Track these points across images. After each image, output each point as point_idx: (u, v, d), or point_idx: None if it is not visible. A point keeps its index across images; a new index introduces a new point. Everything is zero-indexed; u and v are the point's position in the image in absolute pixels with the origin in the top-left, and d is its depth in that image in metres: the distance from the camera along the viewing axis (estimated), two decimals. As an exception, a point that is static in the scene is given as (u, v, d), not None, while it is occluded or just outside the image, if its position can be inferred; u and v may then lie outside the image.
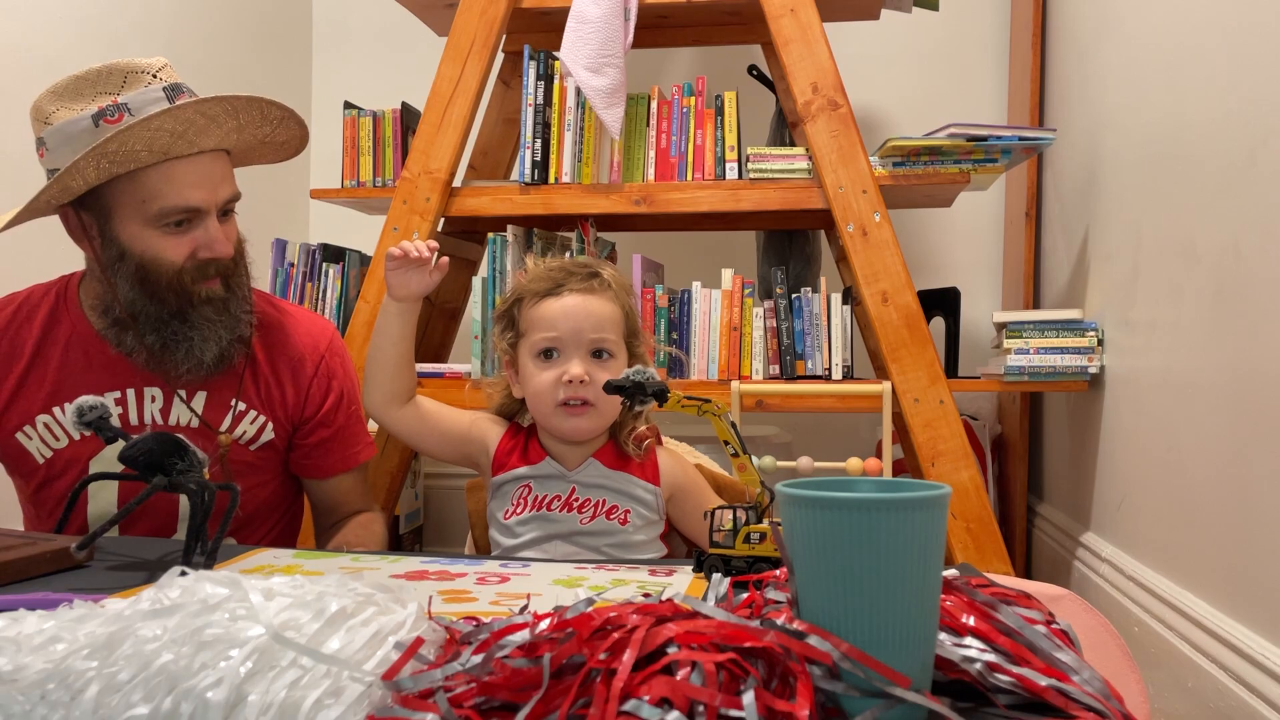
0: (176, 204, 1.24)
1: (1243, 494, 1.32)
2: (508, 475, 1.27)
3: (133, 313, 1.26)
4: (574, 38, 2.00)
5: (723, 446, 0.97)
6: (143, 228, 1.24)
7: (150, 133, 1.19)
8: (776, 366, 2.07)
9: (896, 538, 0.54)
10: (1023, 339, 1.99)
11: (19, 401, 1.29)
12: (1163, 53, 1.68)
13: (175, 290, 1.26)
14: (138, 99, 1.22)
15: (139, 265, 1.25)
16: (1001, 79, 2.75)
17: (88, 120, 1.22)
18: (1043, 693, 0.56)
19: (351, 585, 0.64)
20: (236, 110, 1.27)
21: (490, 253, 2.17)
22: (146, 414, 1.31)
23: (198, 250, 1.26)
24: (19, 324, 1.32)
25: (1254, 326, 1.31)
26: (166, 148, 1.22)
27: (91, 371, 1.30)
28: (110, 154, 1.19)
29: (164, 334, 1.27)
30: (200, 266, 1.27)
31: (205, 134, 1.25)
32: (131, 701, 0.54)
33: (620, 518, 1.24)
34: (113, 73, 1.24)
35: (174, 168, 1.23)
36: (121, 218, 1.24)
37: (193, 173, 1.25)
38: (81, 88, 1.24)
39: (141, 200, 1.23)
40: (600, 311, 1.25)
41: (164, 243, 1.25)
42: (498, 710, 0.54)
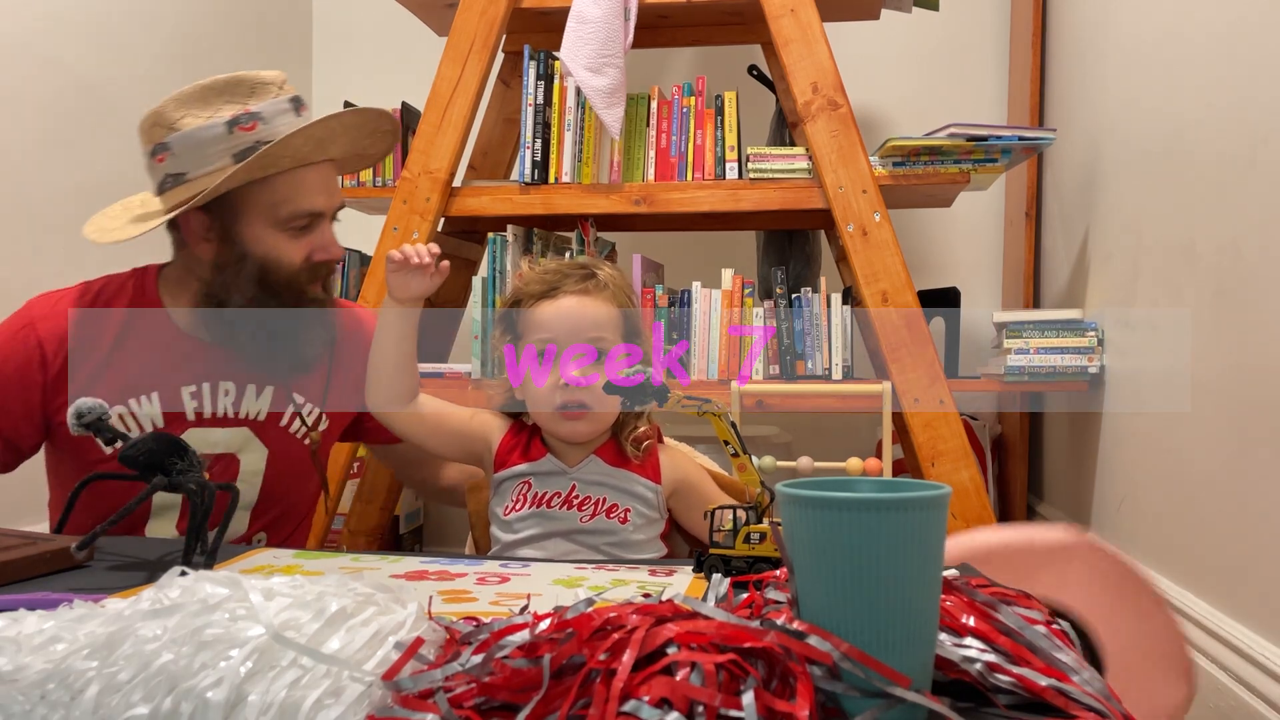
0: (305, 208, 1.31)
1: (1243, 494, 1.32)
2: (508, 472, 1.27)
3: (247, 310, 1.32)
4: (574, 38, 2.00)
5: (723, 446, 0.97)
6: (268, 229, 1.31)
7: (301, 139, 1.27)
8: (776, 366, 2.07)
9: (896, 538, 0.54)
10: (1023, 339, 1.99)
11: (94, 391, 1.30)
12: (1163, 52, 1.68)
13: (291, 290, 1.33)
14: (269, 108, 1.29)
15: (260, 266, 1.31)
16: (1001, 79, 2.75)
17: (221, 127, 1.27)
18: (1043, 693, 0.56)
19: (351, 585, 0.64)
20: (364, 125, 1.37)
21: (490, 253, 2.17)
22: (220, 407, 1.36)
23: (313, 253, 1.34)
24: (97, 317, 1.34)
25: (1254, 326, 1.31)
26: (306, 155, 1.30)
27: (168, 364, 1.34)
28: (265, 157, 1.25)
29: (273, 331, 1.33)
30: (313, 268, 1.35)
31: (334, 143, 1.34)
32: (131, 701, 0.54)
33: (620, 516, 1.24)
34: (240, 83, 1.30)
35: (304, 174, 1.31)
36: (249, 220, 1.30)
37: (318, 179, 1.33)
38: (208, 96, 1.29)
39: (273, 204, 1.30)
40: (596, 313, 1.24)
41: (286, 245, 1.32)
42: (498, 710, 0.54)
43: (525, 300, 1.27)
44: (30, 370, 1.30)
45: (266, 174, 1.28)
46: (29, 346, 1.30)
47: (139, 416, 1.32)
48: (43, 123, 2.07)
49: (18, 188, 2.01)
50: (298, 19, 3.05)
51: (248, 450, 1.38)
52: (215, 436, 1.35)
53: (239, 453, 1.38)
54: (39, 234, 2.06)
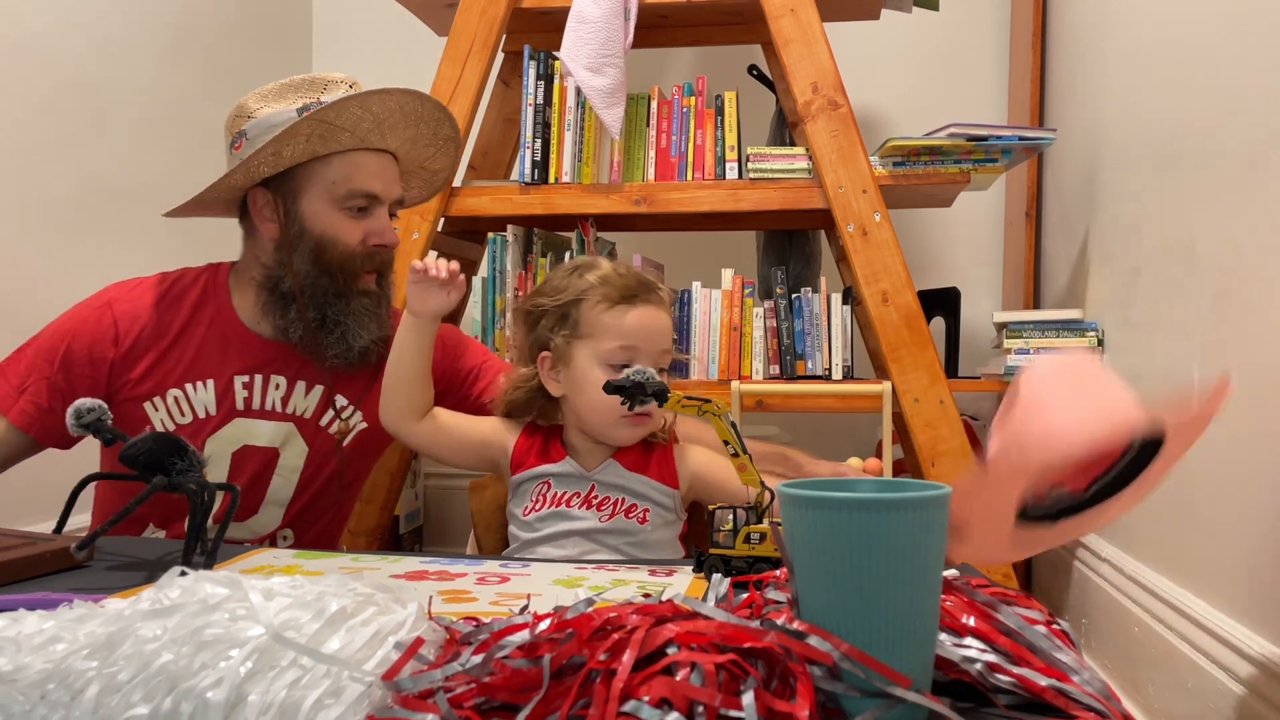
0: (362, 188, 1.37)
1: (1243, 494, 1.32)
2: (527, 474, 1.27)
3: (301, 287, 1.36)
4: (574, 38, 2.00)
5: (723, 446, 0.97)
6: (327, 207, 1.36)
7: (359, 111, 1.33)
8: (776, 366, 2.07)
9: (896, 538, 0.54)
10: (1023, 339, 1.99)
11: (155, 373, 1.38)
12: (1163, 52, 1.68)
13: (345, 271, 1.37)
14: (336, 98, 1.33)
15: (317, 242, 1.36)
16: (1001, 79, 2.75)
17: (292, 112, 1.34)
18: (1043, 693, 0.56)
19: (351, 585, 0.64)
20: (420, 117, 1.41)
21: (490, 253, 2.17)
22: (269, 400, 1.41)
23: (369, 236, 1.38)
24: (169, 303, 1.41)
25: (1254, 326, 1.31)
26: (364, 134, 1.35)
27: (227, 354, 1.40)
28: (323, 125, 1.31)
29: (325, 312, 1.37)
30: (369, 254, 1.39)
31: (393, 131, 1.39)
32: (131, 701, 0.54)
33: (640, 516, 1.25)
34: (314, 81, 1.38)
35: (363, 157, 1.37)
36: (309, 197, 1.36)
37: (377, 164, 1.39)
38: (285, 91, 1.37)
39: (332, 182, 1.36)
40: (668, 325, 1.28)
41: (344, 224, 1.37)
42: (498, 710, 0.54)
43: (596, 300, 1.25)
44: (103, 346, 1.37)
45: (328, 149, 1.34)
46: (104, 324, 1.38)
47: (193, 401, 1.38)
48: (43, 122, 2.07)
49: (18, 187, 2.01)
50: (298, 19, 3.05)
51: (289, 446, 1.42)
52: (260, 429, 1.40)
53: (280, 447, 1.41)
54: (39, 234, 2.06)
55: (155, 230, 2.36)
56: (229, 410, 1.39)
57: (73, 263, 2.15)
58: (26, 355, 1.38)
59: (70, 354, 1.36)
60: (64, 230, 2.11)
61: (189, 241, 2.48)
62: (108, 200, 2.23)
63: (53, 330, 1.39)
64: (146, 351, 1.37)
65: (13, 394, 1.35)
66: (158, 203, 2.38)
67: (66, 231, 2.12)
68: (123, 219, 2.27)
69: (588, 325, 1.25)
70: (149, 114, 2.36)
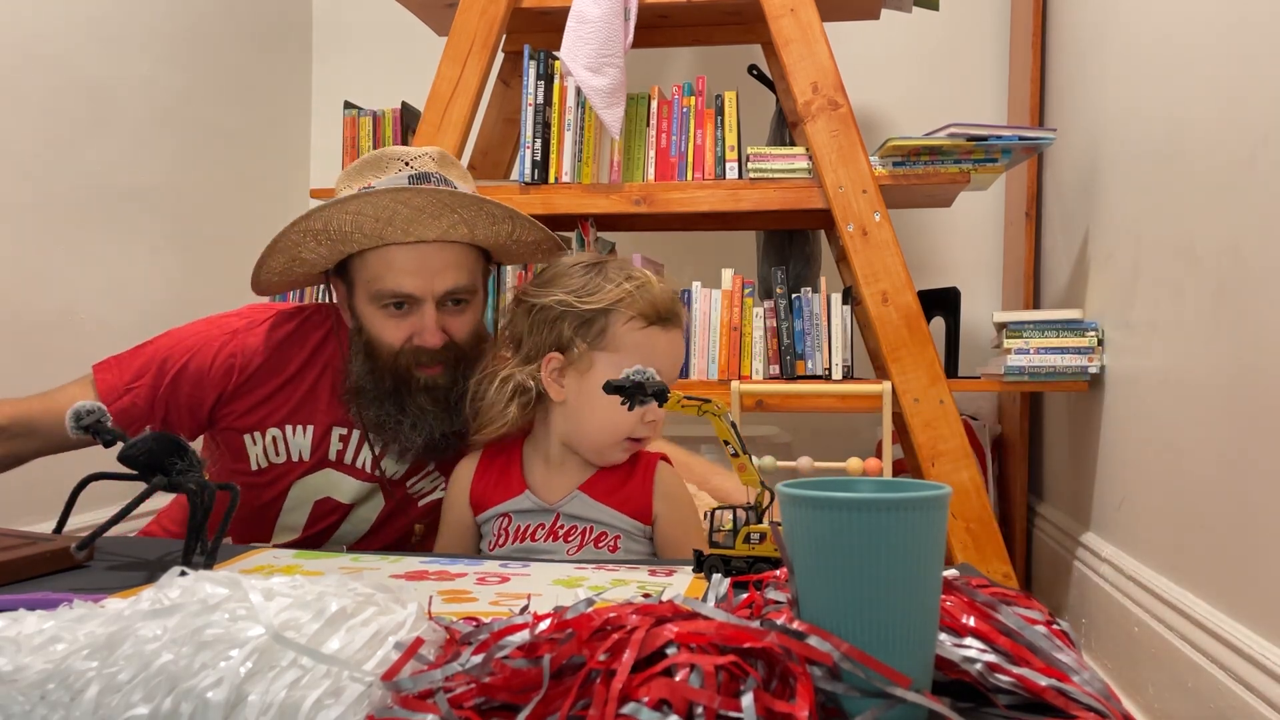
0: (390, 288, 1.28)
1: (1243, 494, 1.32)
2: (487, 513, 1.21)
3: (358, 386, 1.32)
4: (574, 38, 2.00)
5: (723, 446, 0.97)
6: (369, 305, 1.30)
7: (352, 216, 1.24)
8: (776, 366, 2.07)
9: (896, 538, 0.54)
10: (1023, 339, 1.99)
11: (261, 410, 1.36)
12: (1163, 52, 1.68)
13: (393, 372, 1.30)
14: (384, 182, 1.28)
15: (368, 341, 1.31)
16: (1001, 79, 2.75)
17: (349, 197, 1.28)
18: (1043, 693, 0.56)
19: (351, 585, 0.64)
20: (453, 205, 1.26)
21: (490, 253, 2.17)
22: (360, 459, 1.38)
23: (413, 336, 1.30)
24: (292, 342, 1.38)
25: (1254, 326, 1.31)
26: (376, 232, 1.26)
27: (332, 403, 1.37)
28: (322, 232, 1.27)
29: (380, 412, 1.31)
30: (415, 352, 1.30)
31: (417, 224, 1.26)
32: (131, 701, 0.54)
33: (610, 545, 1.18)
34: (383, 157, 1.33)
35: (391, 253, 1.28)
36: (358, 294, 1.32)
37: (409, 260, 1.28)
38: (363, 169, 1.33)
39: (367, 280, 1.30)
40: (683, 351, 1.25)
41: (386, 324, 1.30)
42: (498, 711, 0.54)
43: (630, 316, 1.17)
44: (218, 374, 1.35)
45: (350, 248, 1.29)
46: (224, 354, 1.35)
47: (289, 443, 1.37)
48: (43, 122, 2.07)
49: (18, 187, 2.01)
50: (298, 19, 3.05)
51: (367, 502, 1.41)
52: (345, 484, 1.39)
53: (356, 504, 1.40)
54: (39, 234, 2.06)
55: (155, 230, 2.37)
56: (321, 459, 1.37)
57: (73, 263, 2.15)
58: (144, 355, 1.37)
59: (184, 373, 1.35)
60: (64, 230, 2.11)
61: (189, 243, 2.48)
62: (108, 200, 2.23)
63: (176, 341, 1.37)
64: (258, 387, 1.36)
65: (120, 389, 1.35)
66: (158, 203, 2.39)
67: (66, 231, 2.12)
68: (123, 219, 2.27)
69: (615, 339, 1.16)
70: (149, 114, 2.36)
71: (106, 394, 1.34)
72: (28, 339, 1.95)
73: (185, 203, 2.45)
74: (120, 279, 2.24)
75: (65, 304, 2.08)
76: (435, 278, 1.29)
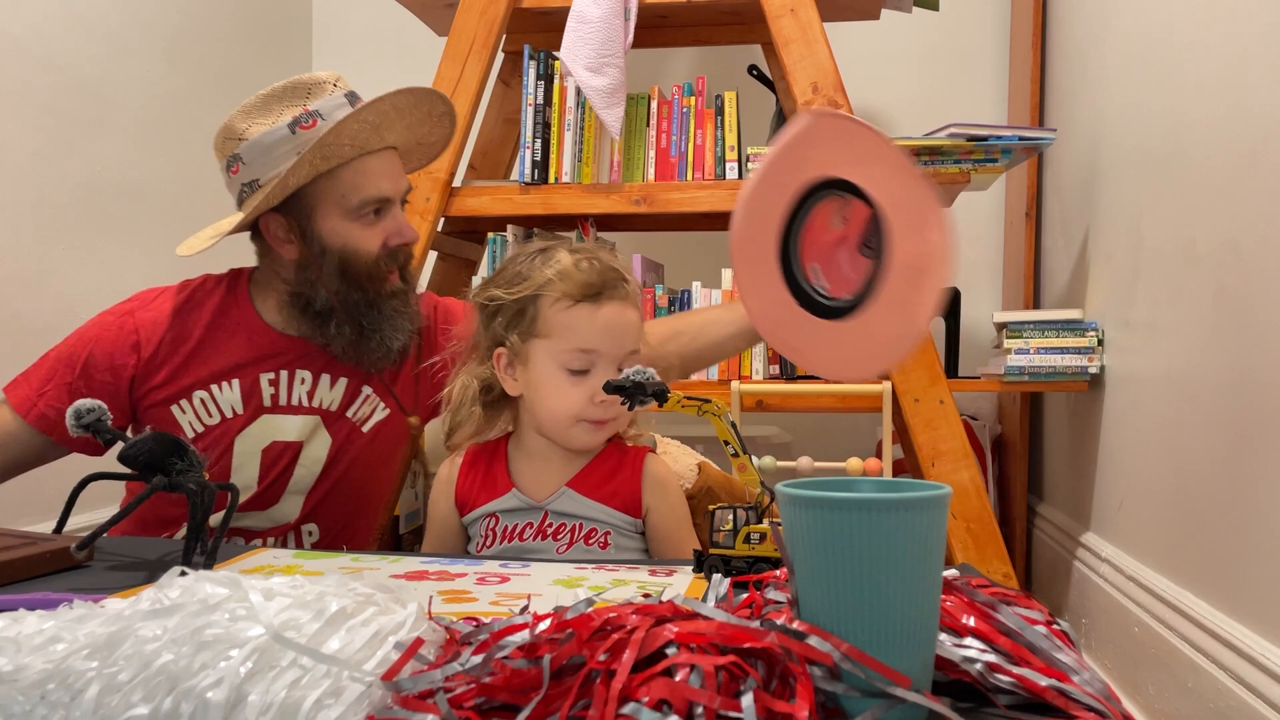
0: (373, 194, 1.37)
1: (1243, 494, 1.32)
2: (474, 514, 1.20)
3: (334, 304, 1.37)
4: (574, 38, 2.00)
5: (723, 446, 0.97)
6: (342, 221, 1.36)
7: (357, 125, 1.32)
8: (776, 366, 2.07)
9: (896, 538, 0.54)
10: (1023, 339, 1.99)
11: (180, 378, 1.39)
12: (1163, 52, 1.68)
13: (372, 279, 1.38)
14: (326, 105, 1.34)
15: (340, 258, 1.36)
16: (1001, 79, 2.75)
17: (284, 129, 1.33)
18: (1043, 693, 0.56)
19: (351, 585, 0.64)
20: (415, 104, 1.40)
21: (490, 253, 2.17)
22: (295, 395, 1.41)
23: (389, 238, 1.39)
24: (190, 308, 1.42)
25: (1254, 326, 1.31)
26: (364, 141, 1.35)
27: (251, 353, 1.41)
28: (324, 147, 1.31)
29: (360, 324, 1.38)
30: (391, 254, 1.40)
31: (390, 128, 1.38)
32: (131, 701, 0.54)
33: (600, 541, 1.17)
34: (296, 87, 1.36)
35: (366, 162, 1.37)
36: (323, 214, 1.36)
37: (381, 165, 1.38)
38: (270, 104, 1.35)
39: (341, 194, 1.35)
40: (633, 323, 1.17)
41: (362, 233, 1.37)
42: (498, 711, 0.54)
43: (555, 296, 1.16)
44: (123, 353, 1.38)
45: (330, 166, 1.34)
46: (126, 331, 1.39)
47: (219, 401, 1.40)
48: (43, 122, 2.07)
49: (18, 187, 2.01)
50: (298, 19, 3.05)
51: (314, 439, 1.42)
52: (287, 424, 1.41)
53: (305, 441, 1.42)
54: (39, 234, 2.06)
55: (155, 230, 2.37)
56: (256, 408, 1.40)
57: (73, 263, 2.15)
58: (49, 361, 1.40)
59: (91, 360, 1.37)
60: (64, 230, 2.11)
61: (189, 241, 2.48)
62: (108, 200, 2.23)
63: (76, 337, 1.40)
64: (169, 357, 1.39)
65: (33, 397, 1.37)
66: (158, 203, 2.39)
67: (66, 231, 2.12)
68: (123, 219, 2.27)
69: (545, 324, 1.16)
70: (149, 114, 2.36)
71: (21, 407, 1.36)
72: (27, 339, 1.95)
73: (185, 203, 2.44)
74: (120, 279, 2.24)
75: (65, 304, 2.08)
76: (400, 178, 1.41)
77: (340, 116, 1.31)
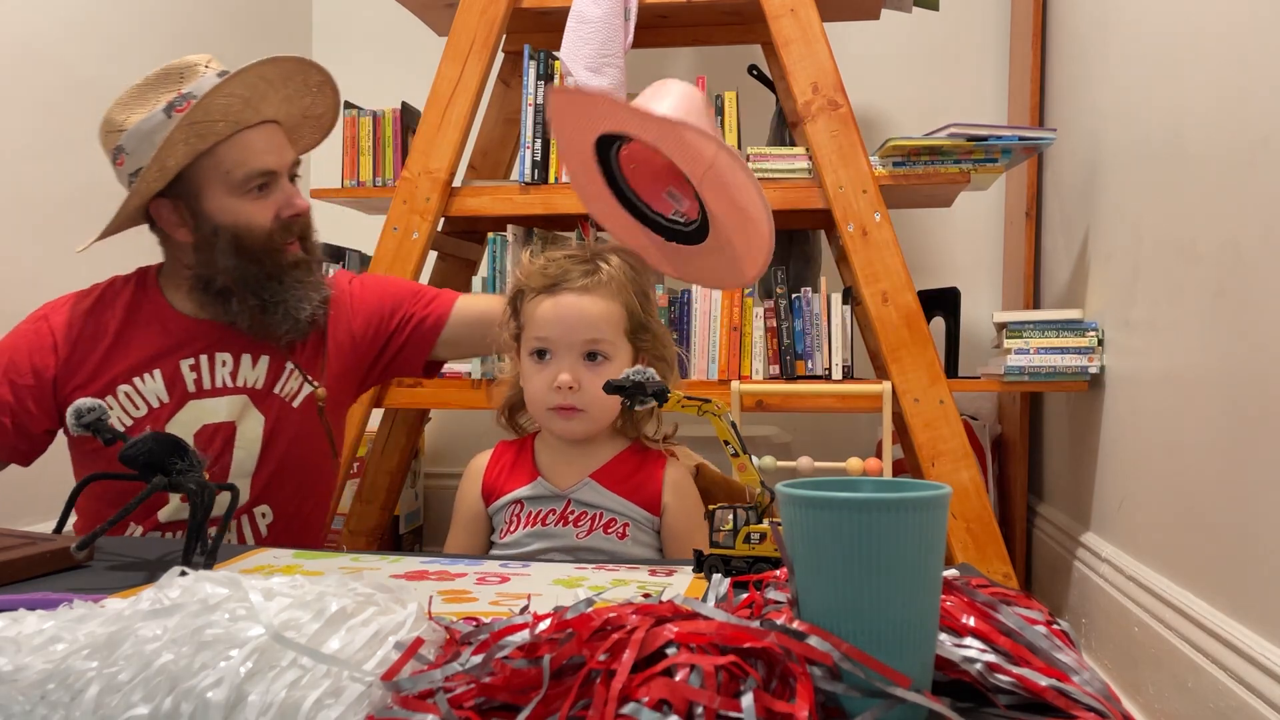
0: (257, 168, 1.37)
1: (1243, 494, 1.32)
2: (500, 501, 1.25)
3: (233, 281, 1.38)
4: (574, 38, 2.00)
5: (723, 446, 0.97)
6: (229, 197, 1.37)
7: (225, 99, 1.32)
8: (776, 366, 2.07)
9: (896, 538, 0.54)
10: (1023, 339, 1.99)
11: (101, 375, 1.39)
12: (1163, 52, 1.68)
13: (268, 251, 1.39)
14: (199, 86, 1.34)
15: (233, 235, 1.37)
16: (1001, 79, 2.75)
17: (160, 114, 1.33)
18: (1043, 693, 0.56)
19: (351, 585, 0.64)
20: (287, 76, 1.39)
21: (490, 253, 2.17)
22: (218, 378, 1.42)
23: (280, 210, 1.40)
24: (102, 307, 1.43)
25: (1254, 326, 1.31)
26: (239, 116, 1.35)
27: (168, 342, 1.41)
28: (196, 125, 1.32)
29: (263, 297, 1.39)
30: (285, 226, 1.40)
31: (265, 100, 1.38)
32: (131, 701, 0.54)
33: (619, 532, 1.21)
34: (169, 73, 1.36)
35: (246, 137, 1.37)
36: (210, 194, 1.37)
37: (262, 139, 1.39)
38: (145, 92, 1.36)
39: (225, 172, 1.36)
40: (595, 311, 1.20)
41: (251, 208, 1.38)
42: (498, 711, 0.54)
43: (528, 292, 1.24)
44: (43, 356, 1.38)
45: (208, 144, 1.34)
46: (42, 336, 1.39)
47: (144, 393, 1.40)
48: (43, 123, 2.07)
49: (17, 188, 2.01)
50: (298, 19, 3.05)
51: (246, 418, 1.43)
52: (215, 406, 1.42)
53: (238, 421, 1.42)
54: (39, 234, 2.06)
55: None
56: (181, 395, 1.40)
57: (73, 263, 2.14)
58: None
59: (12, 369, 1.37)
60: (64, 230, 2.11)
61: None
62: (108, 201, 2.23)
63: None
64: (87, 355, 1.39)
65: None
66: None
67: (66, 232, 2.12)
68: (123, 219, 2.27)
69: (524, 317, 1.25)
70: (149, 114, 2.36)
71: None
72: None
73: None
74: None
75: (65, 304, 2.07)
76: (284, 151, 1.42)
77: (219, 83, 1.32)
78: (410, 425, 2.29)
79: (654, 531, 1.24)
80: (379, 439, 2.26)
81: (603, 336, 1.21)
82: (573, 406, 1.20)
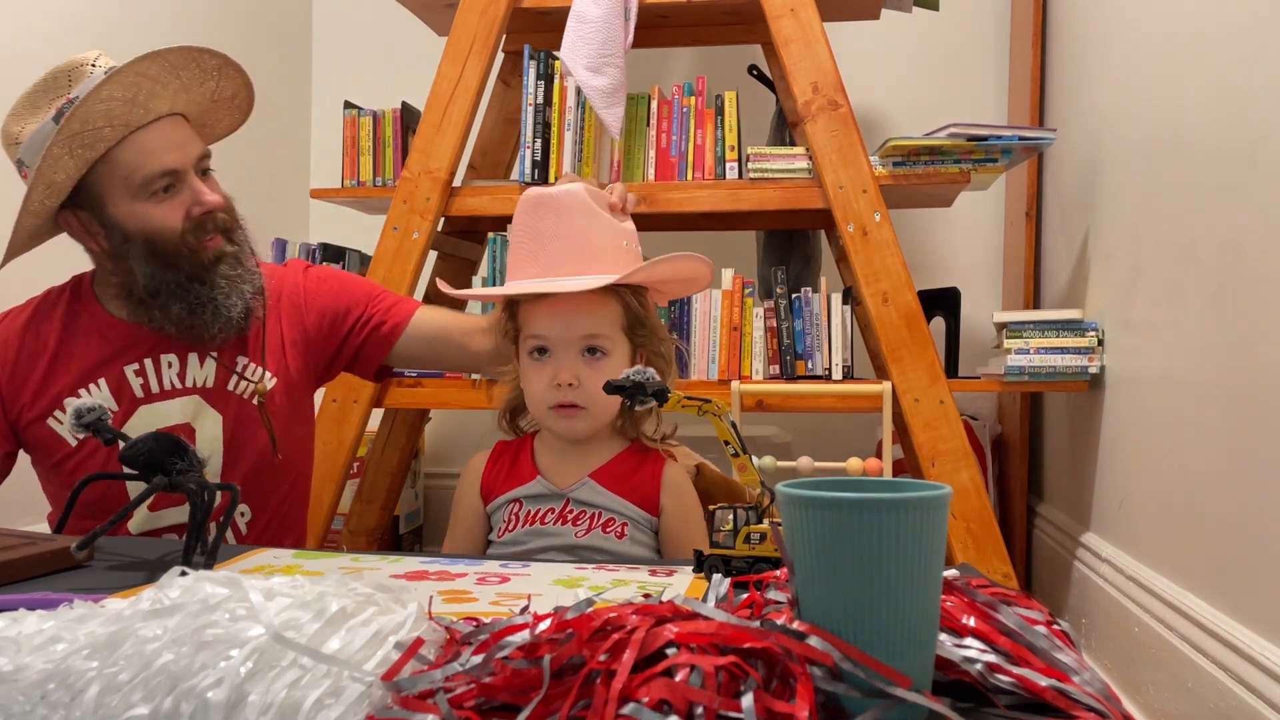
0: (155, 169, 1.30)
1: (1243, 494, 1.32)
2: (498, 500, 1.25)
3: (154, 287, 1.33)
4: (574, 37, 2.00)
5: (723, 446, 0.97)
6: (134, 203, 1.31)
7: (104, 104, 1.25)
8: (776, 366, 2.07)
9: (896, 538, 0.54)
10: (1023, 339, 1.99)
11: (47, 390, 1.36)
12: (1163, 52, 1.68)
13: (184, 254, 1.33)
14: (85, 88, 1.27)
15: (145, 240, 1.32)
16: (1001, 79, 2.75)
17: (50, 123, 1.28)
18: (1043, 693, 0.56)
19: (351, 585, 0.64)
20: (175, 68, 1.31)
21: (490, 253, 2.17)
22: (165, 380, 1.39)
23: (190, 209, 1.33)
24: (39, 320, 1.39)
25: (1254, 326, 1.31)
26: (125, 117, 1.28)
27: (110, 350, 1.38)
28: (77, 136, 1.25)
29: (188, 300, 1.34)
30: (199, 225, 1.34)
31: (155, 97, 1.31)
32: (132, 702, 0.54)
33: (617, 531, 1.21)
34: (58, 76, 1.30)
35: (140, 138, 1.30)
36: (112, 201, 1.31)
37: (158, 138, 1.31)
38: (36, 100, 1.31)
39: (124, 177, 1.30)
40: (593, 311, 1.20)
41: (158, 211, 1.32)
42: (498, 711, 0.54)
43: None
44: None
45: (98, 151, 1.28)
46: None
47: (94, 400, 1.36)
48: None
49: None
50: (298, 19, 3.05)
51: (202, 418, 1.40)
52: (168, 409, 1.39)
53: (193, 421, 1.39)
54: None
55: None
56: (130, 401, 1.37)
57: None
58: None
59: None
60: (64, 230, 2.11)
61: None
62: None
63: None
64: (30, 372, 1.36)
65: None
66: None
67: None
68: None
69: (520, 316, 1.24)
70: (149, 114, 2.36)
71: None
72: None
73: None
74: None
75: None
76: (187, 146, 1.34)
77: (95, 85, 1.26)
78: (410, 425, 2.29)
79: (652, 532, 1.24)
80: (379, 439, 2.26)
81: (600, 332, 1.21)
82: (574, 404, 1.20)
